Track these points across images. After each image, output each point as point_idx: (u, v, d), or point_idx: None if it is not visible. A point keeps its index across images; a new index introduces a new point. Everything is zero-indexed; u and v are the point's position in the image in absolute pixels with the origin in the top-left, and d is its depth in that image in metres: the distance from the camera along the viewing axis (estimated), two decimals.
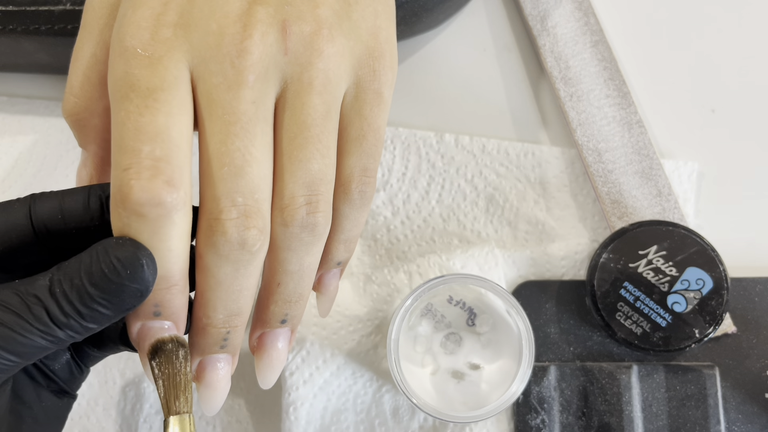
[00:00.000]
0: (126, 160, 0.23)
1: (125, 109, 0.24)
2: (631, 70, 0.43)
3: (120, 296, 0.23)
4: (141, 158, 0.23)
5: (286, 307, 0.28)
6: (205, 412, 0.28)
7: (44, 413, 0.27)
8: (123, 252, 0.23)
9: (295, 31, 0.25)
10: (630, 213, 0.39)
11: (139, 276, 0.23)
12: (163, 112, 0.24)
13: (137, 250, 0.23)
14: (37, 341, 0.23)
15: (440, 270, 0.39)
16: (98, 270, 0.23)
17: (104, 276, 0.23)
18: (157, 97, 0.24)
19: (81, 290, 0.23)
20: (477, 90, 0.43)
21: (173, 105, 0.24)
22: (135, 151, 0.23)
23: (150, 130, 0.23)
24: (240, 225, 0.24)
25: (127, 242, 0.23)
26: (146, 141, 0.23)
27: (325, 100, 0.26)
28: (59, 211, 0.25)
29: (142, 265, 0.23)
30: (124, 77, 0.24)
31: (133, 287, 0.23)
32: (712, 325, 0.37)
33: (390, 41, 0.28)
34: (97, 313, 0.23)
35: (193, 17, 0.25)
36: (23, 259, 0.26)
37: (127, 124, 0.23)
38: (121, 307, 0.23)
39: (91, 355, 0.29)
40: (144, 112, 0.23)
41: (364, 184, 0.27)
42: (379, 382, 0.39)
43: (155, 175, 0.23)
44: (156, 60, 0.24)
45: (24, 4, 0.38)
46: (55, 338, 0.23)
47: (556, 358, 0.39)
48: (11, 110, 0.44)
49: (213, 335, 0.26)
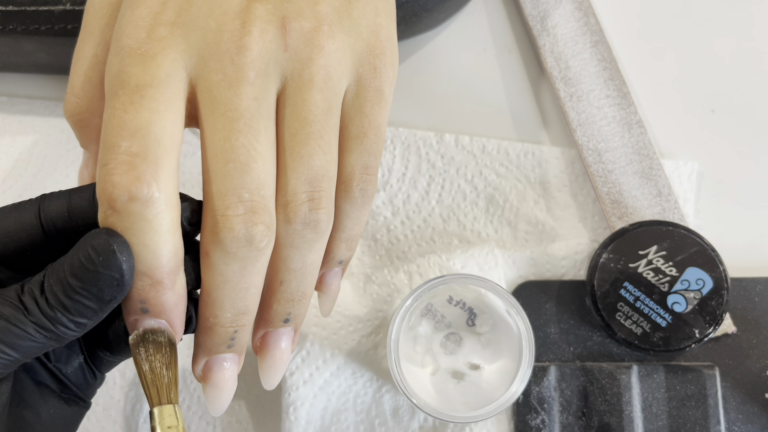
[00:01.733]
0: (105, 155, 0.23)
1: (112, 106, 0.24)
2: (631, 70, 0.43)
3: (97, 284, 0.23)
4: (118, 154, 0.23)
5: (289, 305, 0.27)
6: (212, 412, 0.28)
7: (52, 420, 0.27)
8: (96, 240, 0.23)
9: (295, 27, 0.25)
10: (630, 213, 0.39)
11: (112, 262, 0.23)
12: (148, 109, 0.23)
13: (109, 237, 0.23)
14: (33, 335, 0.23)
15: (440, 270, 0.39)
16: (77, 260, 0.23)
17: (81, 265, 0.23)
18: (144, 93, 0.24)
19: (64, 282, 0.23)
20: (477, 90, 0.43)
21: (160, 102, 0.24)
22: (114, 147, 0.23)
23: (131, 126, 0.23)
24: (247, 221, 0.24)
25: (102, 231, 0.23)
26: (125, 137, 0.23)
27: (326, 97, 0.26)
28: (67, 209, 0.25)
29: (114, 251, 0.23)
30: (117, 74, 0.24)
31: (107, 274, 0.23)
32: (712, 325, 0.37)
33: (391, 39, 0.28)
34: (80, 305, 0.23)
35: (191, 16, 0.25)
36: (34, 259, 0.26)
37: (111, 120, 0.24)
38: (102, 298, 0.23)
39: (105, 360, 0.28)
40: (129, 108, 0.23)
41: (366, 182, 0.27)
42: (379, 382, 0.39)
43: (128, 170, 0.23)
44: (149, 57, 0.24)
45: (24, 4, 0.38)
46: (48, 332, 0.23)
47: (556, 358, 0.39)
48: (11, 110, 0.44)
49: (220, 335, 0.26)
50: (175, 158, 0.24)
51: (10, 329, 0.23)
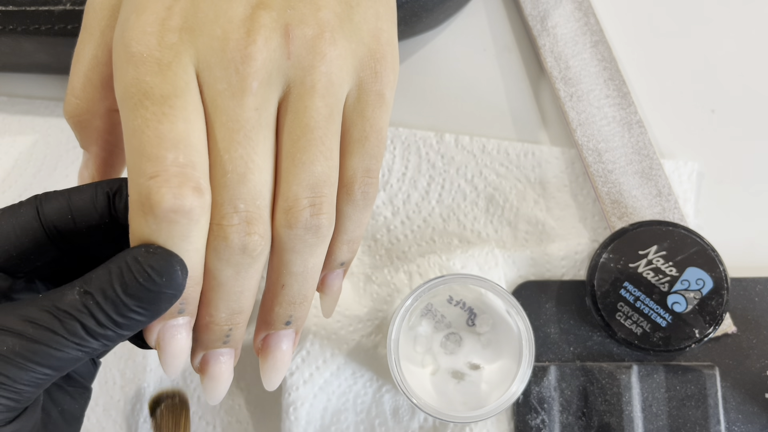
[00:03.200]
0: (151, 167, 0.23)
1: (142, 117, 0.24)
2: (631, 70, 0.43)
3: (157, 303, 0.24)
4: (167, 165, 0.23)
5: (291, 308, 0.28)
6: (209, 402, 0.28)
7: (62, 417, 0.28)
8: (157, 261, 0.23)
9: (298, 34, 0.25)
10: (630, 213, 0.39)
11: (175, 282, 0.24)
12: (182, 119, 0.24)
13: (171, 258, 0.24)
14: (72, 353, 0.23)
15: (440, 270, 0.39)
16: (132, 280, 0.23)
17: (140, 286, 0.23)
18: (172, 104, 0.24)
19: (116, 301, 0.23)
20: (477, 90, 0.43)
21: (189, 111, 0.24)
22: (159, 159, 0.23)
23: (172, 137, 0.24)
24: (242, 231, 0.25)
25: (159, 250, 0.24)
26: (169, 148, 0.24)
27: (328, 103, 0.26)
28: (68, 210, 0.26)
29: (177, 272, 0.24)
30: (136, 84, 0.24)
31: (169, 293, 0.24)
32: (712, 325, 0.37)
33: (391, 43, 0.28)
34: (133, 321, 0.24)
35: (198, 21, 0.25)
36: (37, 261, 0.26)
37: (146, 131, 0.24)
38: (157, 313, 0.24)
39: None
40: (162, 119, 0.24)
41: (367, 185, 0.28)
42: (379, 382, 0.39)
43: (183, 182, 0.23)
44: (165, 66, 0.24)
45: (24, 4, 0.38)
46: (90, 349, 0.24)
47: (556, 358, 0.39)
48: (11, 110, 0.44)
49: (216, 332, 0.27)
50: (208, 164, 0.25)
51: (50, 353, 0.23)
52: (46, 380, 0.24)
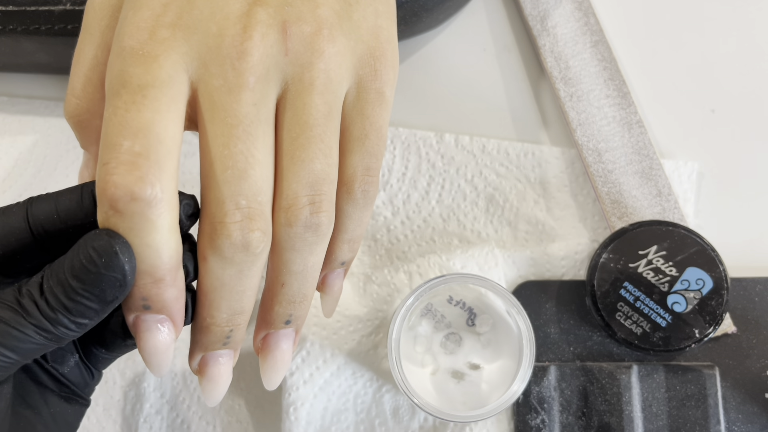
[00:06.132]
0: (106, 154, 0.23)
1: (113, 106, 0.24)
2: (631, 70, 0.43)
3: (99, 286, 0.23)
4: (120, 153, 0.23)
5: (291, 307, 0.28)
6: (207, 403, 0.28)
7: (54, 419, 0.27)
8: (98, 241, 0.23)
9: (296, 31, 0.25)
10: (630, 213, 0.39)
11: (114, 264, 0.23)
12: (150, 109, 0.23)
13: (111, 239, 0.23)
14: (33, 337, 0.23)
15: (440, 270, 0.39)
16: (78, 262, 0.23)
17: (82, 267, 0.23)
18: (146, 93, 0.23)
19: (65, 283, 0.23)
20: (477, 90, 0.43)
21: (162, 102, 0.24)
22: (115, 146, 0.23)
23: (133, 125, 0.23)
24: (244, 228, 0.24)
25: (103, 232, 0.23)
26: (127, 136, 0.23)
27: (327, 100, 0.26)
28: (55, 211, 0.25)
29: (116, 253, 0.23)
30: (119, 74, 0.24)
31: (110, 275, 0.23)
32: (712, 325, 0.37)
33: (391, 41, 0.28)
34: (82, 306, 0.23)
35: (193, 19, 0.25)
36: (25, 263, 0.26)
37: (113, 119, 0.23)
38: (104, 298, 0.23)
39: (100, 357, 0.28)
40: (130, 108, 0.23)
41: (367, 184, 0.27)
42: (379, 382, 0.39)
43: (130, 170, 0.23)
44: (151, 58, 0.24)
45: (24, 4, 0.38)
46: (49, 333, 0.24)
47: (556, 358, 0.39)
48: (11, 110, 0.44)
49: (216, 333, 0.26)
50: (176, 159, 0.24)
51: (9, 332, 0.23)
52: (8, 364, 0.23)
